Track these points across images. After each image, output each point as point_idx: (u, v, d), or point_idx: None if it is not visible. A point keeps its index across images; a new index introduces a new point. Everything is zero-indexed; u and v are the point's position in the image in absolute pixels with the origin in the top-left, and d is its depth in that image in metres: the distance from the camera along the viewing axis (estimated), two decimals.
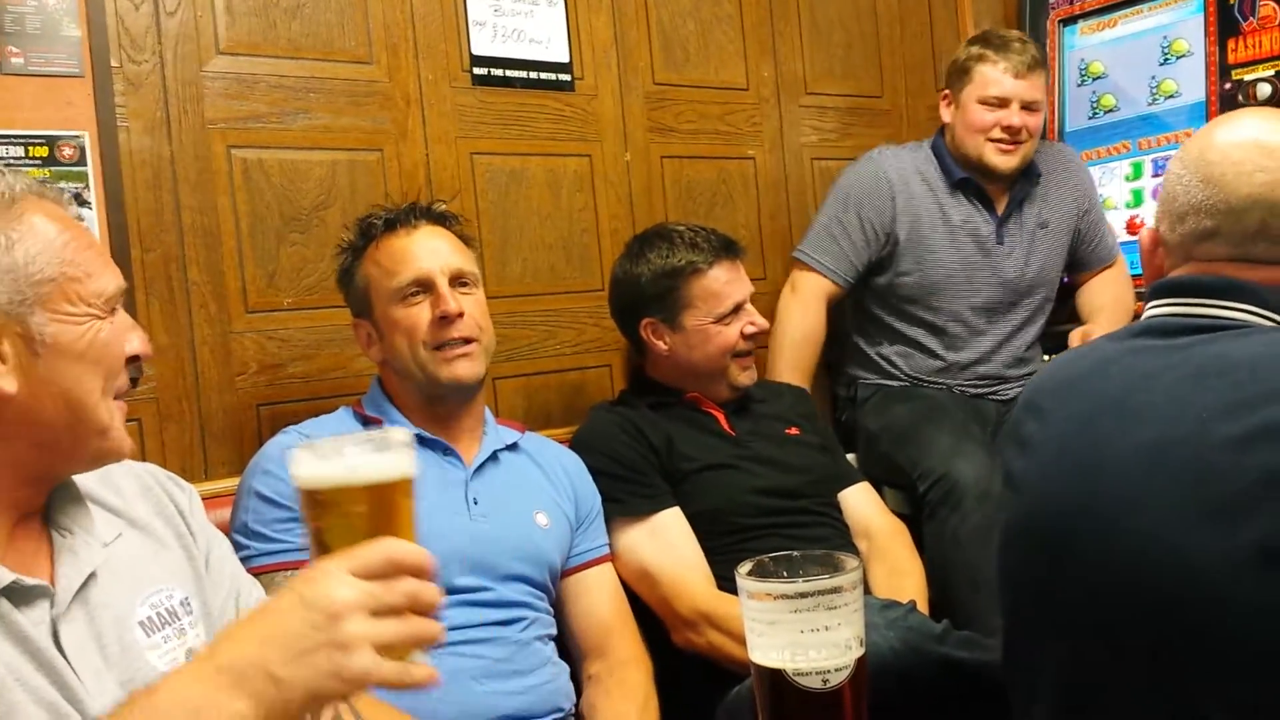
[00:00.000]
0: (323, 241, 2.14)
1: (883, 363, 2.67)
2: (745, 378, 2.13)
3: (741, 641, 1.80)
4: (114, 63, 1.95)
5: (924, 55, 3.15)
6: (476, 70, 2.39)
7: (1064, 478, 1.26)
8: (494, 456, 1.81)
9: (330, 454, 0.87)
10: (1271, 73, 2.68)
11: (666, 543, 1.93)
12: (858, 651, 0.89)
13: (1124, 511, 1.16)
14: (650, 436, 2.01)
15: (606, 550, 1.91)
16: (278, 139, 2.12)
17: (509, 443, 1.86)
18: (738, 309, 2.11)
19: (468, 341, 1.74)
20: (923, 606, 1.92)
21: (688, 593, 1.89)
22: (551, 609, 1.79)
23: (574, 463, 1.95)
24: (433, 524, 1.64)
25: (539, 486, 1.84)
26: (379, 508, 0.88)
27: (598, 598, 1.85)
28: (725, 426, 2.13)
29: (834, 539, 2.06)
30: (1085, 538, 1.20)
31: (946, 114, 2.64)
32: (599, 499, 1.93)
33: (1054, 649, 1.25)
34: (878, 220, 2.58)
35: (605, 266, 2.43)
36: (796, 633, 0.89)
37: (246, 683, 0.80)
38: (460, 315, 1.73)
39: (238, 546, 1.53)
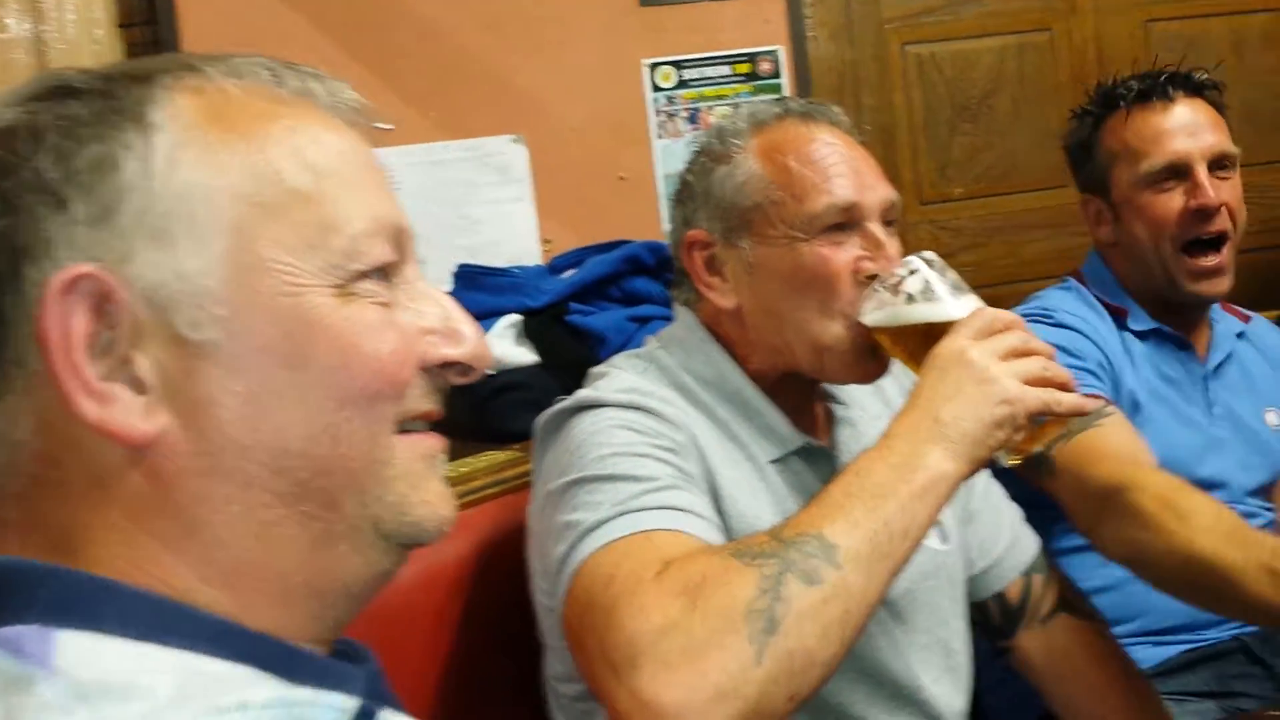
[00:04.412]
0: (991, 129, 2.17)
1: None
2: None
3: None
4: None
5: None
6: None
7: None
8: (1229, 353, 1.65)
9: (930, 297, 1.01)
10: None
11: None
12: None
13: None
14: None
15: None
16: (948, 30, 2.18)
17: (1236, 332, 1.69)
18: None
19: (1219, 243, 1.54)
20: None
21: None
22: None
23: None
24: (1172, 428, 1.52)
25: (1268, 380, 1.67)
26: None
27: None
28: None
29: None
30: None
31: None
32: None
33: None
34: None
35: None
36: None
37: (926, 433, 0.92)
38: (1218, 208, 1.53)
39: None
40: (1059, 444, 1.35)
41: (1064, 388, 0.96)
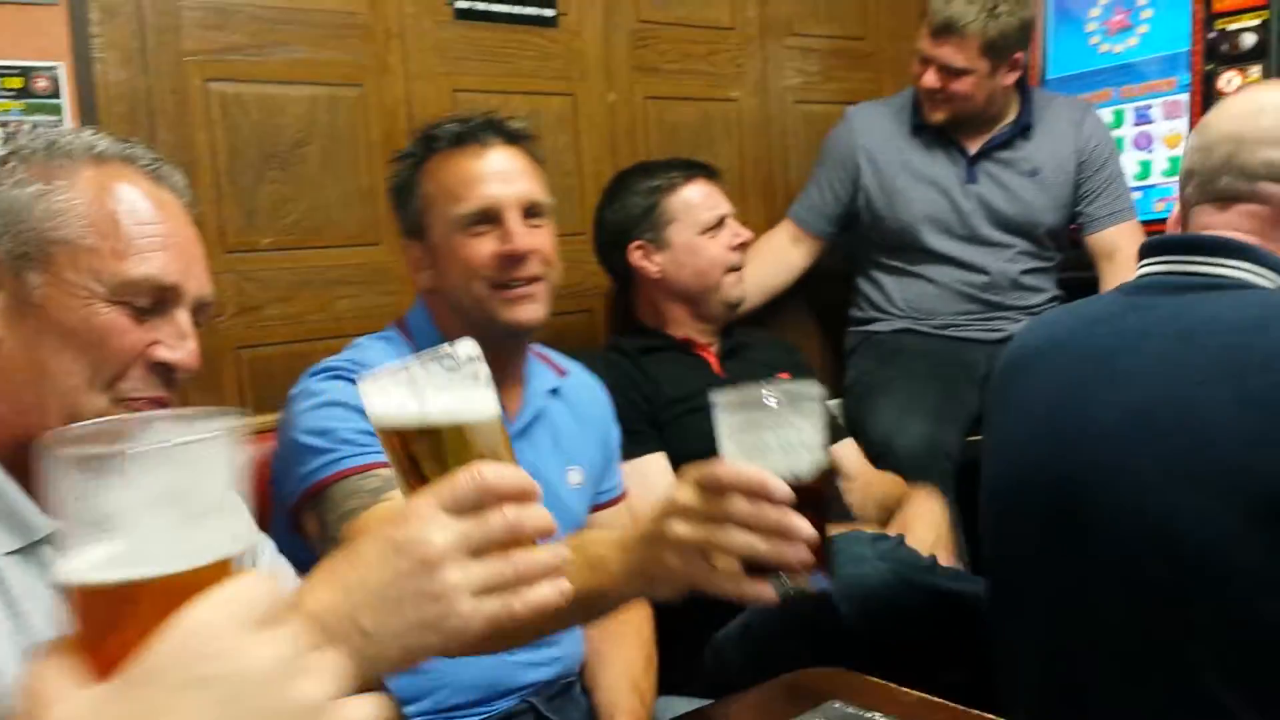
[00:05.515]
0: (302, 179, 2.11)
1: (870, 305, 2.72)
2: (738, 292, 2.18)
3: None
4: None
5: None
6: (459, 4, 2.34)
7: (1051, 441, 1.27)
8: (538, 412, 1.69)
9: (409, 394, 0.80)
10: (1256, 23, 2.67)
11: (647, 485, 1.94)
12: (822, 457, 0.97)
13: (1111, 477, 1.17)
14: (639, 383, 2.01)
15: (622, 490, 1.83)
16: (257, 72, 2.07)
17: (550, 388, 1.73)
18: (722, 222, 2.14)
19: (533, 281, 1.60)
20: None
21: None
22: None
23: (605, 399, 1.84)
24: None
25: (575, 438, 1.73)
26: (467, 441, 0.80)
27: None
28: (715, 369, 2.15)
29: None
30: (1073, 504, 1.21)
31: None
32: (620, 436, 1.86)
33: (1041, 617, 1.27)
34: (845, 175, 2.66)
35: (587, 209, 2.39)
36: (764, 437, 0.97)
37: (332, 633, 0.72)
38: (529, 254, 1.58)
39: (317, 452, 1.41)
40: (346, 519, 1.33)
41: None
